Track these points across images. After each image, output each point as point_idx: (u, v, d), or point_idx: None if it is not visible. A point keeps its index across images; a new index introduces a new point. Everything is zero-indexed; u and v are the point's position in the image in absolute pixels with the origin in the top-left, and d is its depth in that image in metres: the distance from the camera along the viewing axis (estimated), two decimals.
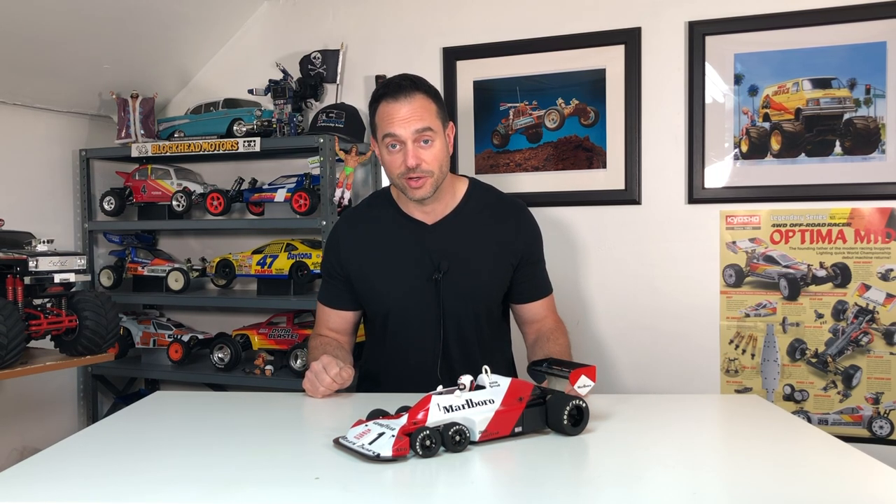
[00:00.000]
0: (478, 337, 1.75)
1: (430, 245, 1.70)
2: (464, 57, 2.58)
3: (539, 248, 1.82)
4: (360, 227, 1.78)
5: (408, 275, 1.70)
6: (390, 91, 1.61)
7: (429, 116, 1.62)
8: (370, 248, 1.74)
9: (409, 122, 1.59)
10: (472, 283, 1.70)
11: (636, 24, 2.40)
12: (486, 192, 1.81)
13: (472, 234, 1.73)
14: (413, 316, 1.71)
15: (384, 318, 1.75)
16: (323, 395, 1.55)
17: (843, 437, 1.31)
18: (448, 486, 1.07)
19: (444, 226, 1.73)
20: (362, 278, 1.74)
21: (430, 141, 1.62)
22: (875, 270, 2.23)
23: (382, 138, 1.63)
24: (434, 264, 1.68)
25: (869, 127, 2.21)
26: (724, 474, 1.14)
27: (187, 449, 1.24)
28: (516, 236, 1.76)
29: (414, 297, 1.70)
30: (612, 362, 2.48)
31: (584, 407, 1.25)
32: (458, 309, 1.70)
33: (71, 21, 2.31)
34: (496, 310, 1.80)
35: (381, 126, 1.63)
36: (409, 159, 1.59)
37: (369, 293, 1.75)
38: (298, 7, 2.80)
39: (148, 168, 2.74)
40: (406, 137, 1.59)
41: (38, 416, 2.64)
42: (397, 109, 1.60)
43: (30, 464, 1.17)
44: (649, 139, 2.42)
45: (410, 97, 1.60)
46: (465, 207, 1.75)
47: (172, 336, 2.69)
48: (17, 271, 1.82)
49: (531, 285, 1.80)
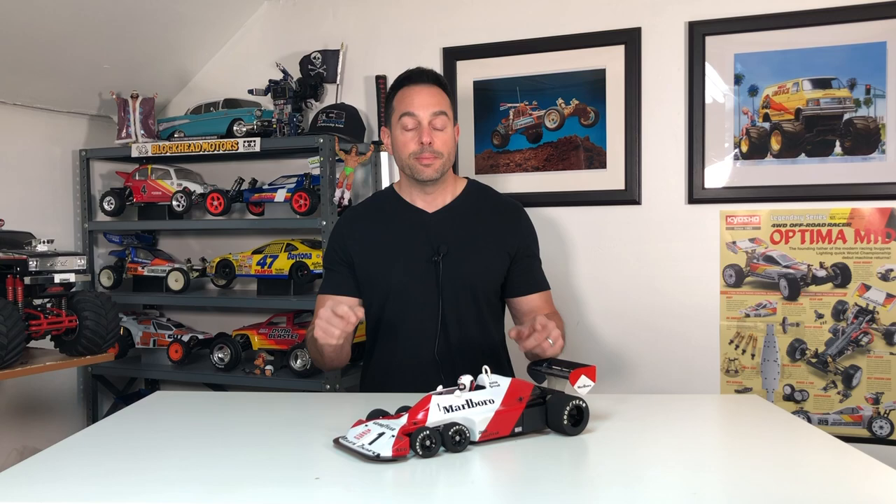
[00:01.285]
0: (476, 320, 1.79)
1: (431, 230, 1.78)
2: (464, 57, 2.58)
3: (535, 245, 1.88)
4: (364, 216, 1.87)
5: (408, 257, 1.76)
6: (413, 77, 1.76)
7: (445, 105, 1.76)
8: (373, 233, 1.81)
9: (428, 105, 1.73)
10: (469, 266, 1.76)
11: (636, 24, 2.40)
12: (484, 190, 1.90)
13: (472, 223, 1.80)
14: (413, 297, 1.76)
15: (384, 300, 1.79)
16: (339, 336, 1.49)
17: (843, 437, 1.31)
18: (448, 486, 1.07)
19: (444, 214, 1.81)
20: (364, 263, 1.80)
21: (443, 127, 1.75)
22: (875, 270, 2.23)
23: (399, 118, 1.74)
24: (434, 248, 1.74)
25: (869, 127, 2.21)
26: (724, 474, 1.14)
27: (187, 449, 1.24)
28: (514, 230, 1.83)
29: (414, 278, 1.75)
30: (611, 362, 2.48)
31: (584, 407, 1.25)
32: (457, 291, 1.75)
33: (71, 21, 2.32)
34: (494, 298, 1.84)
35: (399, 107, 1.75)
36: (423, 135, 1.71)
37: (372, 276, 1.79)
38: (298, 7, 2.80)
39: (148, 168, 2.74)
40: (423, 117, 1.72)
41: (38, 416, 2.64)
42: (418, 92, 1.74)
43: (30, 464, 1.17)
44: (649, 139, 2.42)
45: (431, 85, 1.75)
46: (465, 199, 1.84)
47: (172, 336, 2.69)
48: (17, 271, 1.82)
49: (528, 278, 1.84)
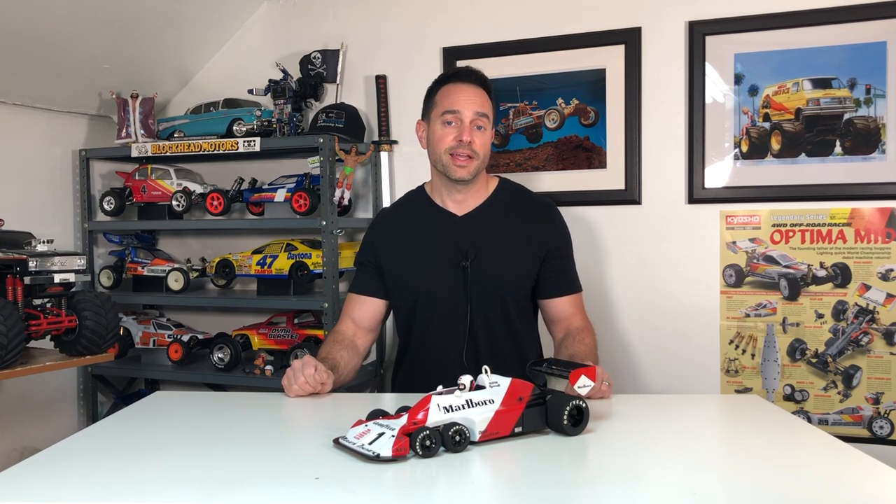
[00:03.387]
0: (505, 325, 1.78)
1: (460, 234, 1.77)
2: (464, 57, 2.58)
3: (568, 246, 1.87)
4: (394, 218, 1.88)
5: (437, 262, 1.76)
6: (461, 75, 1.78)
7: (488, 108, 1.78)
8: (402, 237, 1.81)
9: (473, 104, 1.74)
10: (498, 271, 1.75)
11: (636, 24, 2.40)
12: (516, 189, 1.90)
13: (501, 226, 1.79)
14: (441, 302, 1.76)
15: (413, 304, 1.79)
16: (295, 394, 1.53)
17: (843, 437, 1.31)
18: (448, 486, 1.07)
19: (474, 216, 1.80)
20: (393, 266, 1.80)
21: (484, 128, 1.77)
22: (875, 270, 2.23)
23: (441, 114, 1.74)
24: (462, 253, 1.74)
25: (869, 127, 2.21)
26: (724, 474, 1.14)
27: (187, 449, 1.24)
28: (545, 230, 1.82)
29: (442, 283, 1.75)
30: (611, 363, 2.47)
31: (584, 407, 1.25)
32: (485, 296, 1.75)
33: (71, 21, 2.31)
34: (524, 302, 1.83)
35: (443, 103, 1.75)
36: (464, 134, 1.72)
37: (400, 280, 1.80)
38: (298, 7, 2.80)
39: (148, 168, 2.74)
40: (467, 116, 1.73)
41: (38, 416, 2.64)
42: (464, 90, 1.75)
43: (30, 464, 1.17)
44: (649, 139, 2.42)
45: (477, 86, 1.77)
46: (496, 201, 1.83)
47: (172, 336, 2.69)
48: (17, 271, 1.82)
49: (559, 280, 1.83)
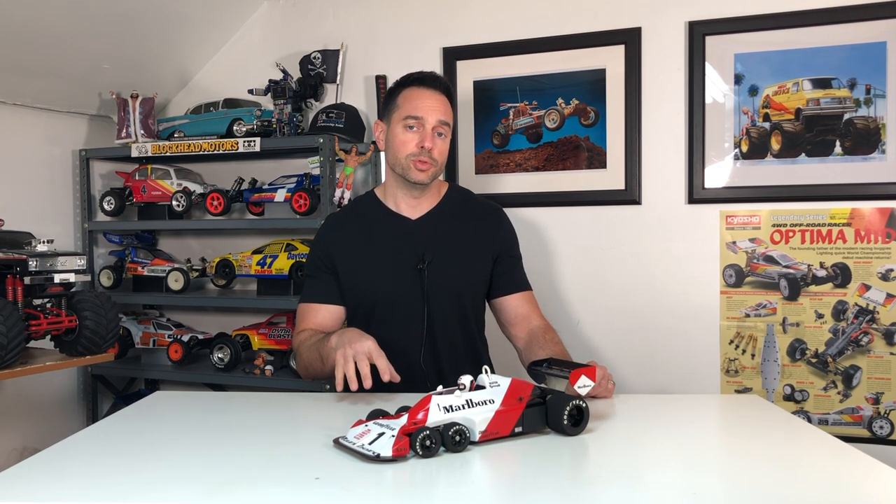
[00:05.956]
0: (461, 326, 1.80)
1: (415, 237, 1.78)
2: (464, 57, 2.58)
3: (516, 246, 1.90)
4: (347, 224, 1.85)
5: (394, 265, 1.76)
6: (426, 79, 1.76)
7: (449, 116, 1.77)
8: (357, 241, 1.80)
9: (436, 111, 1.73)
10: (454, 272, 1.77)
11: (636, 24, 2.40)
12: (465, 193, 1.92)
13: (454, 228, 1.81)
14: (399, 305, 1.76)
15: (370, 308, 1.78)
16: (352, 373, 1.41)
17: (843, 437, 1.31)
18: (448, 486, 1.07)
19: (427, 220, 1.81)
20: (349, 271, 1.79)
21: (444, 136, 1.76)
22: (875, 270, 2.23)
23: (404, 118, 1.73)
24: (418, 255, 1.74)
25: (869, 127, 2.21)
26: (724, 474, 1.14)
27: (187, 449, 1.24)
28: (495, 232, 1.85)
29: (399, 286, 1.75)
30: (611, 362, 2.47)
31: (585, 407, 1.25)
32: (442, 298, 1.76)
33: (71, 21, 2.31)
34: (479, 301, 1.85)
35: (405, 106, 1.73)
36: (426, 141, 1.71)
37: (357, 285, 1.79)
38: (298, 7, 2.80)
39: (148, 168, 2.74)
40: (430, 123, 1.72)
41: (38, 416, 2.64)
42: (428, 96, 1.73)
43: (30, 464, 1.17)
44: (649, 139, 2.42)
45: (440, 92, 1.76)
46: (448, 204, 1.85)
47: (172, 336, 2.69)
48: (17, 271, 1.82)
49: (511, 277, 1.85)
